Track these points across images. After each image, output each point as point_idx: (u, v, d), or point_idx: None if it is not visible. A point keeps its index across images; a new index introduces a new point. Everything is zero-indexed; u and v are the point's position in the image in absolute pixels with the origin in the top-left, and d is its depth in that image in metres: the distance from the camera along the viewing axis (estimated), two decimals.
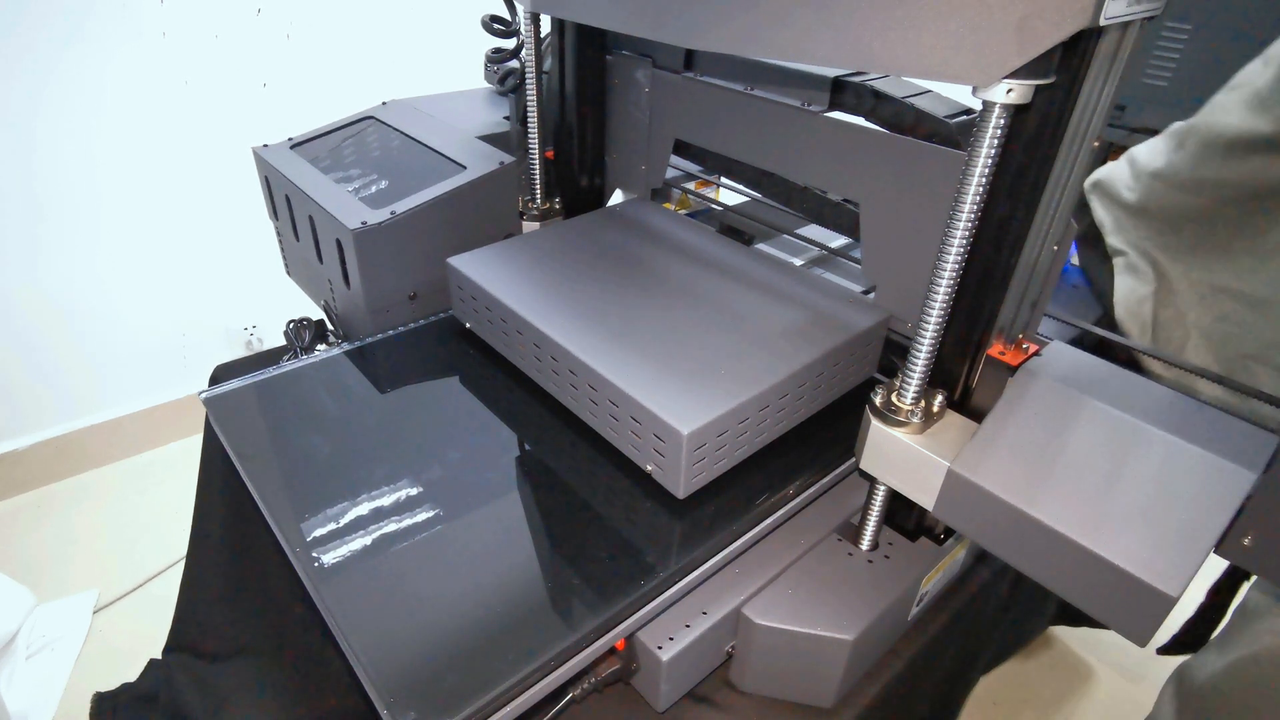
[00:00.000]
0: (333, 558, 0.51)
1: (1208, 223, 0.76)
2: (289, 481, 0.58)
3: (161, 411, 1.64)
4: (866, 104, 0.63)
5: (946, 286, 0.46)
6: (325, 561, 0.51)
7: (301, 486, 0.58)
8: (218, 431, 0.63)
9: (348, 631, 0.46)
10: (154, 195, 1.45)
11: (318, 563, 0.51)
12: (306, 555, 0.51)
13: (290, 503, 0.56)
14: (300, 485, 0.58)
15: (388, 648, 0.45)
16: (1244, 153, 0.71)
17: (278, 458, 0.61)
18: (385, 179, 0.81)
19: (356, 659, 0.44)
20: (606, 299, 0.65)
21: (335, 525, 0.54)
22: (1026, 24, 0.36)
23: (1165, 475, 0.45)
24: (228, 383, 0.67)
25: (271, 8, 1.42)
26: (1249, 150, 0.71)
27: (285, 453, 0.61)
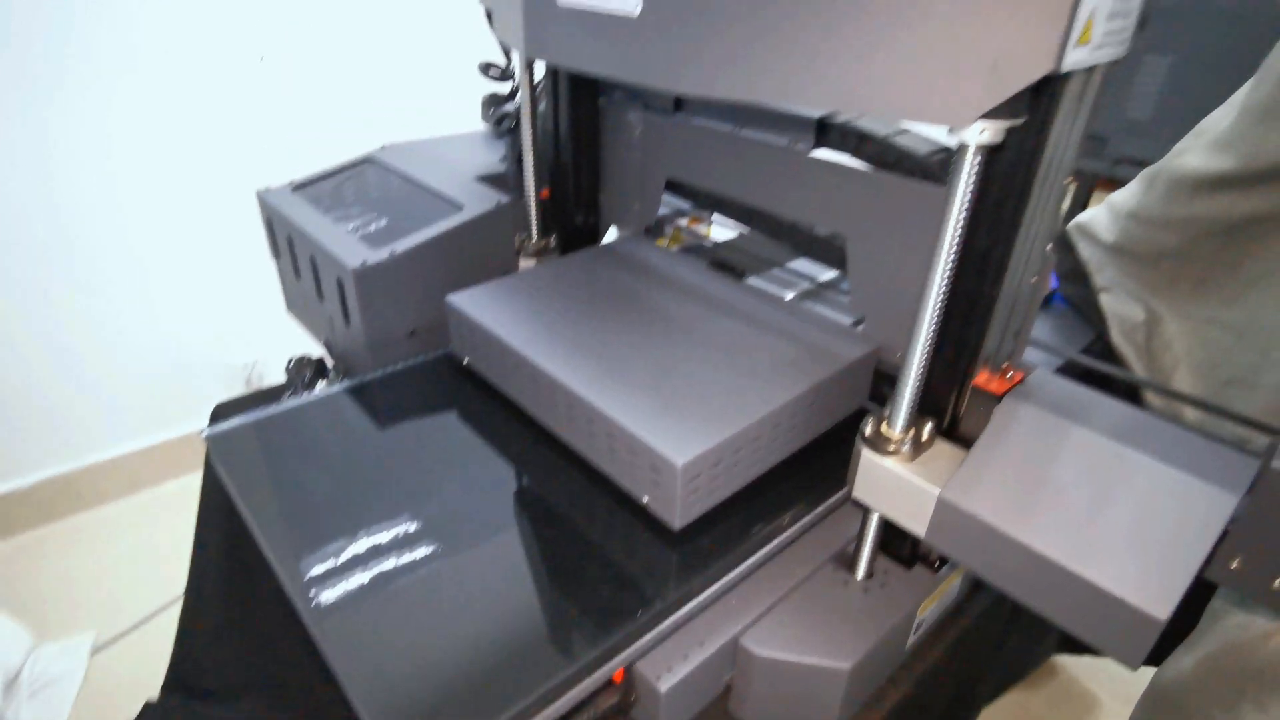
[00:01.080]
0: (331, 596, 0.52)
1: (1184, 258, 0.79)
2: (289, 519, 0.59)
3: (160, 450, 1.64)
4: (850, 142, 0.65)
5: (932, 317, 0.47)
6: (323, 600, 0.51)
7: (301, 524, 0.58)
8: (219, 469, 0.63)
9: (344, 670, 0.46)
10: (155, 235, 1.48)
11: (315, 601, 0.51)
12: (304, 593, 0.52)
13: (289, 541, 0.56)
14: (300, 523, 0.58)
15: (385, 685, 0.46)
16: (1211, 191, 0.74)
17: (278, 495, 0.61)
18: (384, 219, 0.83)
19: (353, 698, 0.45)
20: (601, 333, 0.67)
21: (334, 563, 0.54)
22: (995, 69, 0.38)
23: (1150, 499, 0.45)
24: (228, 420, 0.68)
25: (274, 54, 1.47)
26: (1215, 188, 0.74)
27: (285, 490, 0.62)
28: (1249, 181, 0.72)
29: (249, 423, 0.68)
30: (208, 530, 0.86)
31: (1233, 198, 0.73)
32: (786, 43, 0.44)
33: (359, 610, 0.51)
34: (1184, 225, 0.78)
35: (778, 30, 0.44)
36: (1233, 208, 0.73)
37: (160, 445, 1.64)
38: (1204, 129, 0.77)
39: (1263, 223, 0.73)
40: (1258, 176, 0.71)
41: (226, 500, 0.80)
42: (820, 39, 0.43)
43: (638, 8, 0.51)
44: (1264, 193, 0.71)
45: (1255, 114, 0.71)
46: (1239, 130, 0.72)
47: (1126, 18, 0.40)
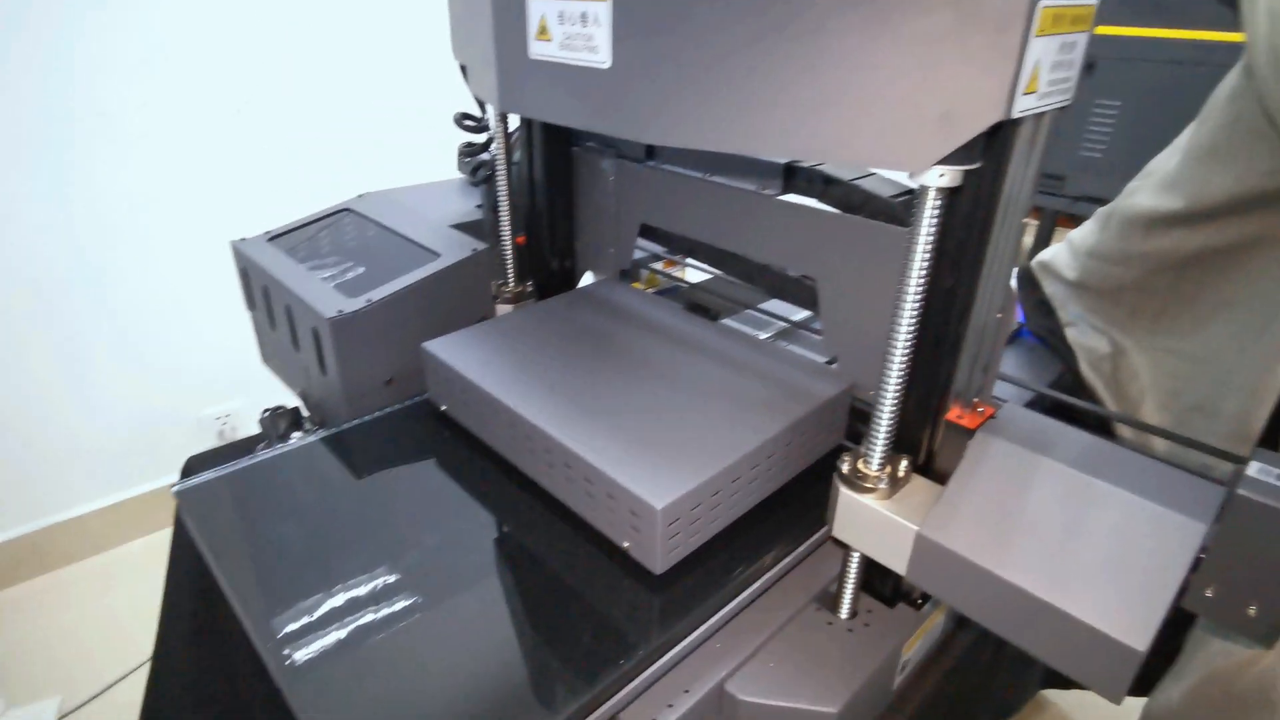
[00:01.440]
0: (305, 654, 0.50)
1: (1142, 292, 0.82)
2: (262, 576, 0.58)
3: (129, 506, 1.60)
4: (817, 187, 0.67)
5: (902, 355, 0.48)
6: (297, 659, 0.50)
7: (275, 580, 0.57)
8: (189, 526, 0.62)
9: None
10: (126, 285, 1.46)
11: (289, 660, 0.50)
12: (277, 653, 0.50)
13: (262, 599, 0.55)
14: (274, 579, 0.57)
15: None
16: (1162, 228, 0.78)
17: (252, 551, 0.60)
18: (361, 268, 0.83)
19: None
20: (579, 378, 0.67)
21: (309, 619, 0.53)
22: (949, 117, 0.39)
23: (1123, 530, 0.46)
24: (200, 475, 0.67)
25: (251, 107, 1.48)
26: (1166, 225, 0.77)
27: (260, 545, 0.61)
28: (1196, 219, 0.75)
29: (221, 476, 0.67)
30: (177, 590, 0.84)
31: (1183, 234, 0.76)
32: (750, 95, 0.46)
33: (334, 668, 0.50)
34: (1140, 261, 0.81)
35: (741, 83, 0.46)
36: (1183, 243, 0.77)
37: (128, 502, 1.60)
38: (1152, 169, 0.81)
39: (1213, 256, 0.76)
40: (1204, 214, 0.74)
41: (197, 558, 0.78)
42: (781, 91, 0.44)
43: (608, 61, 0.52)
44: (1211, 228, 0.74)
45: (1198, 155, 0.74)
46: (1184, 171, 0.75)
47: (1070, 67, 0.42)
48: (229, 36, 1.42)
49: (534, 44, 0.57)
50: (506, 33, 0.59)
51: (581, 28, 0.53)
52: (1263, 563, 0.42)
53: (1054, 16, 0.38)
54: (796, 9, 0.42)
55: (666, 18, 0.48)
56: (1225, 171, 0.71)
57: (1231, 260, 0.75)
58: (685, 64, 0.48)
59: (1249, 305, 0.76)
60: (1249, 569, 0.43)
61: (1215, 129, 0.73)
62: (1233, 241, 0.74)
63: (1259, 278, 0.75)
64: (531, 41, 0.58)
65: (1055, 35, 0.39)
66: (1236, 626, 0.45)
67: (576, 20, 0.53)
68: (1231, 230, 0.74)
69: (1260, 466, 0.44)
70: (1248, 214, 0.72)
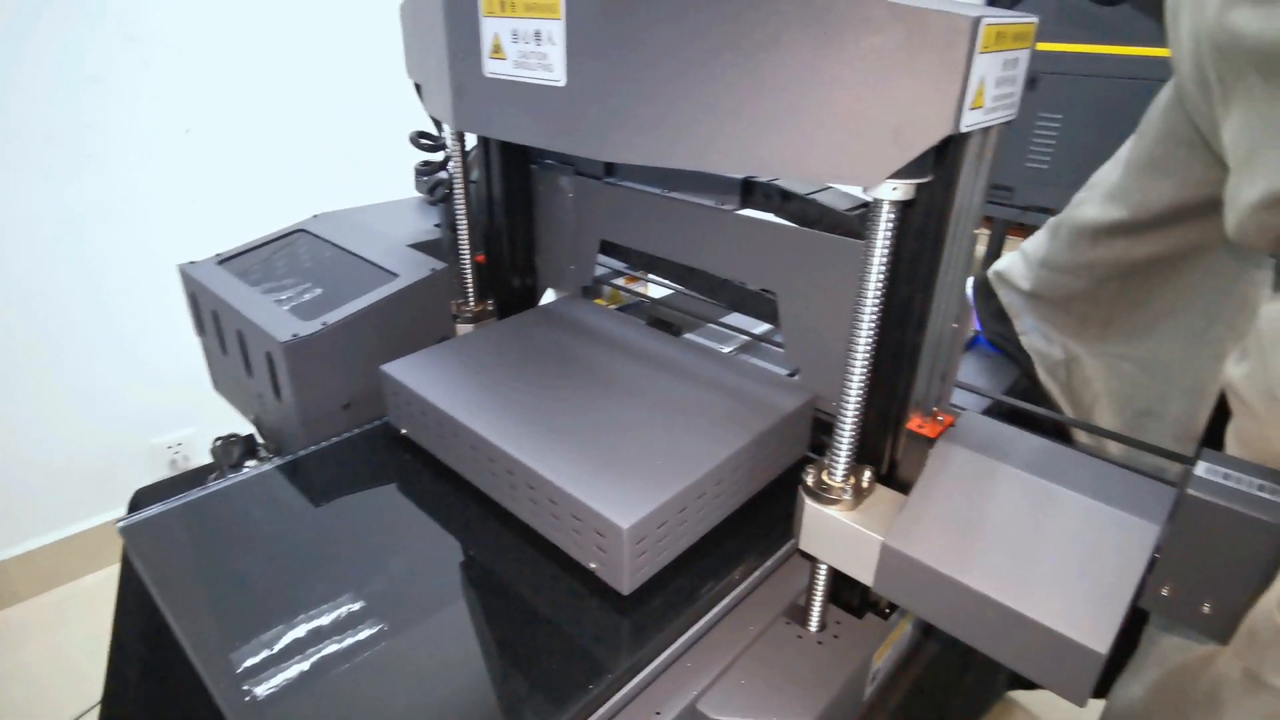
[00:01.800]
0: (266, 688, 0.49)
1: (1091, 300, 0.85)
2: (219, 610, 0.55)
3: (77, 542, 1.53)
4: (774, 201, 0.67)
5: (862, 366, 0.48)
6: (258, 694, 0.48)
7: (232, 615, 0.55)
8: (136, 564, 0.59)
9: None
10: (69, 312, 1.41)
11: (249, 696, 0.48)
12: (235, 690, 0.48)
13: (220, 633, 0.53)
14: (230, 614, 0.55)
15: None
16: (1108, 238, 0.80)
17: (206, 585, 0.58)
18: (316, 290, 0.82)
19: None
20: (541, 397, 0.66)
21: (269, 652, 0.51)
22: (900, 133, 0.40)
23: (1080, 534, 0.47)
24: (149, 509, 0.64)
25: (201, 126, 1.45)
26: (1112, 235, 0.80)
27: (215, 579, 0.59)
28: (1140, 228, 0.78)
29: (168, 510, 0.65)
30: (127, 628, 0.80)
31: (1127, 243, 0.79)
32: (705, 111, 0.46)
33: (296, 702, 0.48)
34: (1088, 270, 0.83)
35: (696, 100, 0.46)
36: (1128, 252, 0.79)
37: (78, 536, 1.53)
38: (1097, 181, 0.83)
39: (1157, 264, 0.79)
40: (1147, 223, 0.77)
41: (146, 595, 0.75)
42: (735, 107, 0.45)
43: (563, 79, 0.52)
44: (1154, 237, 0.77)
45: (1138, 167, 0.77)
46: (1127, 183, 0.78)
47: (1014, 83, 0.43)
48: (178, 54, 1.38)
49: (488, 62, 0.57)
50: (460, 51, 0.59)
51: (536, 46, 0.53)
52: (1214, 560, 0.43)
53: (996, 34, 0.39)
54: (748, 27, 0.43)
55: (621, 35, 0.48)
56: (1164, 182, 0.74)
57: (1174, 268, 0.78)
58: (640, 81, 0.48)
59: (1191, 310, 0.79)
60: (1201, 567, 0.44)
61: (1153, 142, 0.76)
62: (1174, 249, 0.77)
63: (1200, 284, 0.78)
64: (486, 60, 0.57)
65: (998, 52, 0.40)
66: (1192, 624, 0.46)
67: (531, 39, 0.53)
68: (1173, 239, 0.76)
69: (1207, 466, 0.45)
70: (1187, 222, 0.75)
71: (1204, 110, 0.60)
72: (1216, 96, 0.56)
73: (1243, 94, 0.52)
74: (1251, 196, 0.51)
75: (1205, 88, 0.57)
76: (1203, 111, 0.61)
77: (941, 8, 0.38)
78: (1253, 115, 0.51)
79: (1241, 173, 0.53)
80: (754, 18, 0.42)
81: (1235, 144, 0.54)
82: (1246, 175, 0.52)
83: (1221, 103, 0.55)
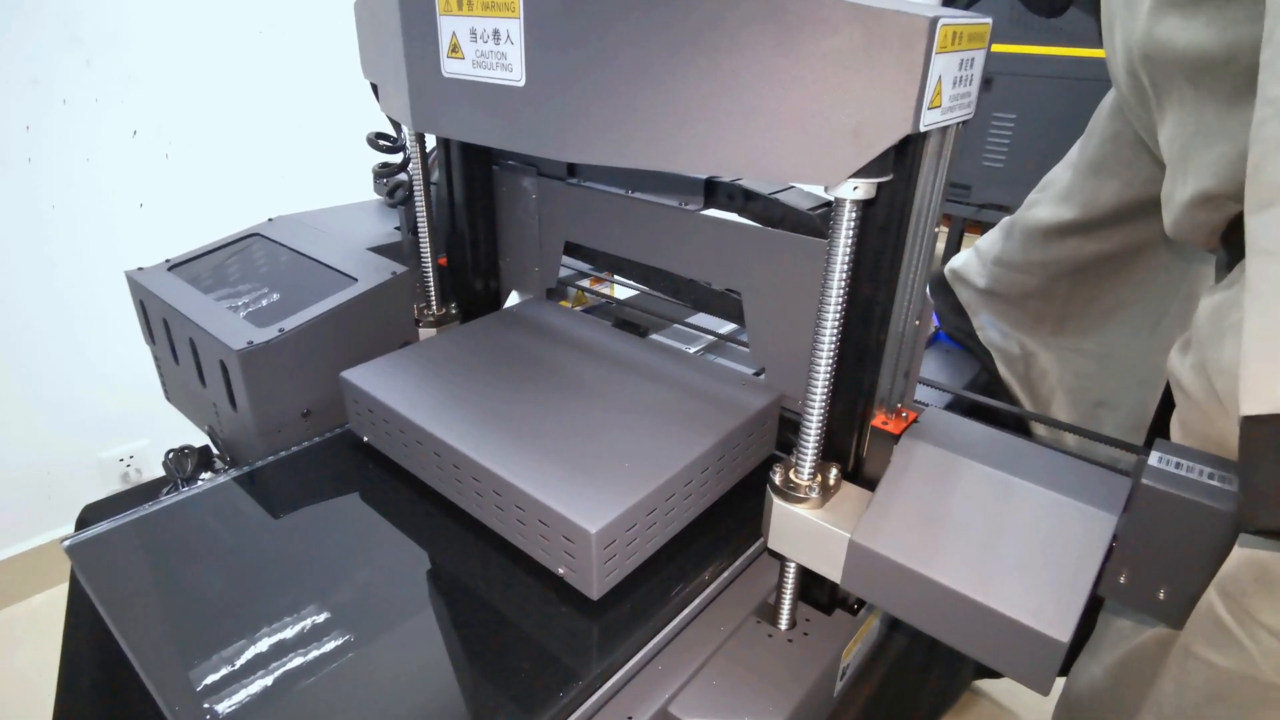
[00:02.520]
0: (229, 705, 0.47)
1: (1045, 297, 0.87)
2: (175, 628, 0.53)
3: (22, 561, 1.47)
4: (737, 201, 0.68)
5: (826, 364, 0.49)
6: (219, 711, 0.47)
7: (190, 632, 0.53)
8: (84, 584, 0.57)
9: None
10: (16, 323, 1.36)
11: (210, 714, 0.46)
12: (194, 709, 0.47)
13: (177, 651, 0.51)
14: (189, 631, 0.53)
15: None
16: (1059, 237, 0.83)
17: (161, 604, 0.56)
18: (273, 296, 0.79)
19: None
20: (506, 401, 0.65)
21: (231, 668, 0.50)
22: (860, 133, 0.40)
23: (1040, 525, 0.48)
24: (97, 525, 0.62)
25: (148, 128, 1.40)
26: (1063, 234, 0.83)
27: (170, 597, 0.56)
28: (1090, 227, 0.80)
29: (118, 527, 0.62)
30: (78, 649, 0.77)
31: (1078, 242, 0.82)
32: (665, 111, 0.46)
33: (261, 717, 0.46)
34: (1042, 268, 0.85)
35: (656, 99, 0.46)
36: (1079, 250, 0.82)
37: (26, 555, 1.47)
38: (1049, 182, 0.86)
39: (1107, 261, 0.81)
40: (1097, 223, 0.79)
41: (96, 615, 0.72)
42: (696, 107, 0.44)
43: (523, 79, 0.52)
44: (1104, 235, 0.80)
45: (1087, 168, 0.80)
46: (1076, 183, 0.81)
47: (970, 83, 0.44)
48: (123, 55, 1.34)
49: (446, 62, 0.56)
50: (418, 51, 0.58)
51: (494, 45, 0.52)
52: (1168, 547, 0.45)
53: (953, 34, 0.39)
54: (707, 27, 0.42)
55: (580, 34, 0.47)
56: (1111, 182, 0.77)
57: (1123, 264, 0.81)
58: (600, 81, 0.48)
59: (1141, 305, 0.82)
60: (1156, 554, 0.45)
61: (1101, 143, 0.78)
62: (1123, 247, 0.79)
63: (1149, 279, 0.80)
64: (444, 60, 0.56)
65: (955, 52, 0.40)
66: (1149, 610, 0.47)
67: (489, 38, 0.52)
68: (1121, 237, 0.79)
69: (1160, 456, 0.46)
70: (1135, 221, 0.77)
71: (1141, 115, 0.62)
72: (1151, 102, 0.58)
73: (1175, 99, 0.54)
74: (1184, 195, 0.53)
75: (1141, 94, 0.59)
76: (1140, 116, 0.63)
77: (899, 8, 0.38)
78: (1184, 119, 0.54)
79: (1175, 173, 0.55)
80: (712, 18, 0.42)
81: (1169, 146, 0.56)
82: (1180, 176, 0.54)
83: (1156, 108, 0.58)
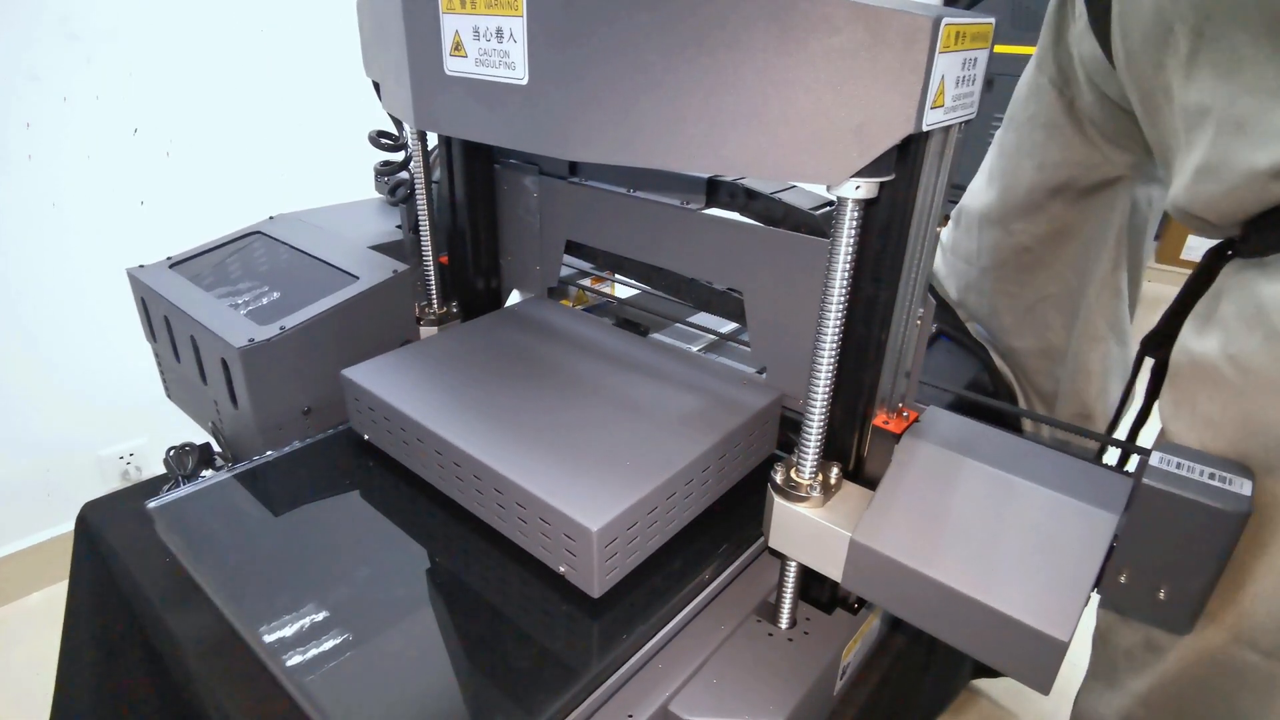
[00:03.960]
0: (305, 653, 0.48)
1: (979, 291, 0.88)
2: (255, 581, 0.57)
3: (24, 558, 1.47)
4: (739, 201, 0.68)
5: (828, 363, 0.49)
6: (304, 656, 0.47)
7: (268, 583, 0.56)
8: (166, 542, 0.61)
9: None
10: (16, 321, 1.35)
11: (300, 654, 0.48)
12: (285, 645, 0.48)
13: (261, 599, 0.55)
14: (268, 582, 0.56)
15: None
16: (986, 224, 0.83)
17: (238, 559, 0.59)
18: (274, 294, 0.79)
19: None
20: (507, 399, 0.65)
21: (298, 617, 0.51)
22: (863, 132, 0.40)
23: (1040, 524, 0.48)
24: (176, 489, 0.66)
25: (149, 126, 1.40)
26: (988, 222, 0.83)
27: (246, 554, 0.60)
28: (1009, 216, 0.80)
29: (199, 490, 0.67)
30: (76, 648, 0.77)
31: (998, 234, 0.82)
32: (668, 110, 0.46)
33: None
34: (976, 256, 0.86)
35: (659, 98, 0.46)
36: (999, 244, 0.82)
37: (23, 552, 1.47)
38: (983, 167, 0.86)
39: (1024, 255, 0.82)
40: (1014, 210, 0.80)
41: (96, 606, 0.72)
42: (699, 106, 0.44)
43: (525, 77, 0.52)
44: (1019, 228, 0.80)
45: (1006, 151, 0.81)
46: (997, 166, 0.82)
47: (973, 82, 0.44)
48: (124, 52, 1.34)
49: (449, 60, 0.56)
50: (420, 49, 0.58)
51: (497, 43, 0.52)
52: (1169, 546, 0.45)
53: (956, 33, 0.39)
54: (710, 26, 0.42)
55: (583, 33, 0.47)
56: (1027, 164, 0.77)
57: (1038, 259, 0.81)
58: (603, 79, 0.48)
59: (1059, 298, 0.83)
60: (1157, 553, 0.45)
61: (1019, 126, 0.78)
62: (1036, 239, 0.80)
63: (1064, 271, 0.81)
64: (446, 58, 0.56)
65: (958, 52, 0.40)
66: (1148, 611, 0.47)
67: (492, 36, 0.52)
68: (1034, 227, 0.79)
69: (1161, 456, 0.46)
70: (1046, 207, 0.78)
71: (1147, 74, 0.58)
72: (1182, 53, 0.53)
73: (1232, 56, 0.49)
74: (1260, 163, 0.47)
75: (1163, 46, 0.54)
76: (1144, 74, 0.59)
77: (902, 7, 0.38)
78: (1255, 77, 0.48)
79: (1228, 138, 0.49)
80: (715, 17, 0.42)
81: (1212, 105, 0.50)
82: (1244, 140, 0.48)
83: (1188, 64, 0.52)
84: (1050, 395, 0.88)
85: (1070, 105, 0.73)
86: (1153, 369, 0.62)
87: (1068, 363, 0.83)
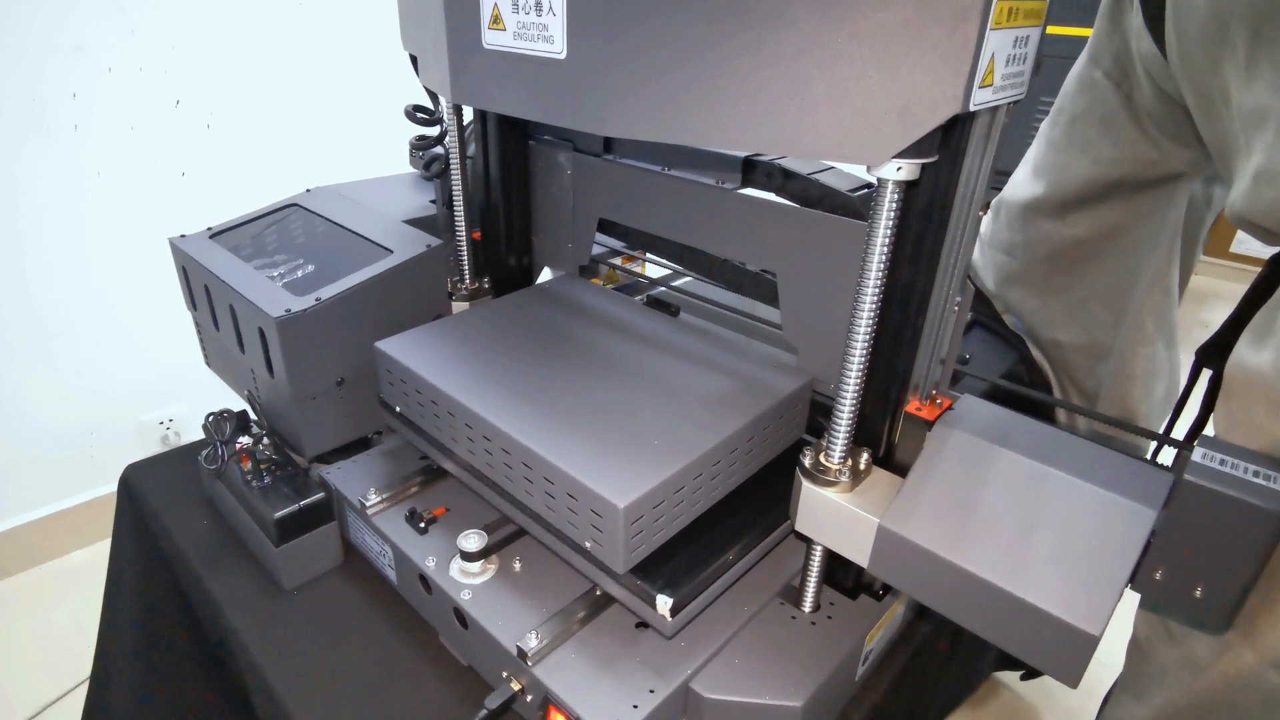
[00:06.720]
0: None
1: (1022, 284, 0.85)
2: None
3: (67, 517, 1.53)
4: (776, 181, 0.67)
5: (861, 348, 0.48)
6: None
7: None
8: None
9: None
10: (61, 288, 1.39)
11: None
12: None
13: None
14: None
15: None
16: (1032, 217, 0.81)
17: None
18: (310, 266, 0.81)
19: None
20: (536, 376, 0.66)
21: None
22: (907, 111, 0.39)
23: (1076, 518, 0.47)
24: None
25: (191, 98, 1.42)
26: (1035, 215, 0.80)
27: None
28: (1061, 208, 0.78)
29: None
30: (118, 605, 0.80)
31: (1052, 224, 0.79)
32: (708, 87, 0.45)
33: None
34: (1023, 250, 0.84)
35: (700, 75, 0.45)
36: (1053, 235, 0.80)
37: (66, 512, 1.53)
38: (1027, 158, 0.83)
39: (1080, 248, 0.79)
40: (1066, 203, 0.77)
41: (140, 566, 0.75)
42: (740, 83, 0.44)
43: (564, 51, 0.51)
44: (1075, 219, 0.77)
45: (1056, 144, 0.78)
46: (1047, 159, 0.79)
47: (1024, 61, 0.42)
48: (167, 24, 1.36)
49: (487, 33, 0.56)
50: (459, 22, 0.58)
51: (536, 17, 0.52)
52: (1208, 544, 0.44)
53: (1008, 10, 0.38)
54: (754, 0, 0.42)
55: (623, 7, 0.47)
56: (1080, 159, 0.74)
57: (1093, 253, 0.79)
58: (643, 55, 0.47)
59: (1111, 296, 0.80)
60: (1195, 551, 0.44)
61: (1070, 120, 0.75)
62: (1092, 233, 0.77)
63: (1118, 268, 0.78)
64: (485, 31, 0.56)
65: (1010, 29, 0.39)
66: (1183, 608, 0.46)
67: (531, 9, 0.52)
68: (1090, 221, 0.77)
69: (1204, 452, 0.45)
70: (1103, 203, 0.75)
71: (1202, 74, 0.57)
72: (1240, 54, 0.51)
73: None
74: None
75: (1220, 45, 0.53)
76: (1200, 74, 0.57)
77: None
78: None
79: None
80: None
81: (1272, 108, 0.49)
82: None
83: (1247, 64, 0.51)
84: (1092, 393, 0.86)
85: (1127, 99, 0.70)
86: (1210, 380, 0.60)
87: (1112, 362, 0.81)
